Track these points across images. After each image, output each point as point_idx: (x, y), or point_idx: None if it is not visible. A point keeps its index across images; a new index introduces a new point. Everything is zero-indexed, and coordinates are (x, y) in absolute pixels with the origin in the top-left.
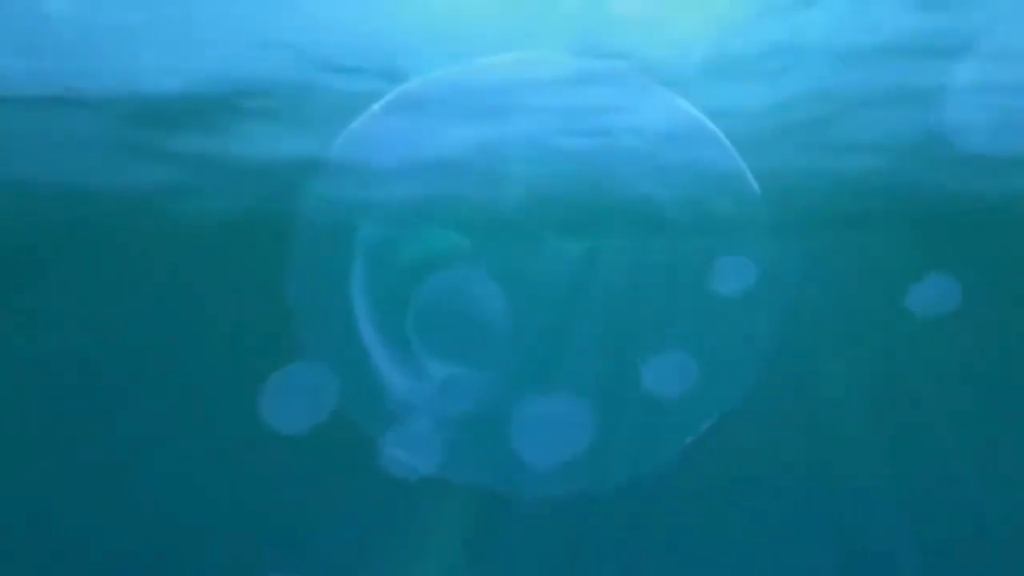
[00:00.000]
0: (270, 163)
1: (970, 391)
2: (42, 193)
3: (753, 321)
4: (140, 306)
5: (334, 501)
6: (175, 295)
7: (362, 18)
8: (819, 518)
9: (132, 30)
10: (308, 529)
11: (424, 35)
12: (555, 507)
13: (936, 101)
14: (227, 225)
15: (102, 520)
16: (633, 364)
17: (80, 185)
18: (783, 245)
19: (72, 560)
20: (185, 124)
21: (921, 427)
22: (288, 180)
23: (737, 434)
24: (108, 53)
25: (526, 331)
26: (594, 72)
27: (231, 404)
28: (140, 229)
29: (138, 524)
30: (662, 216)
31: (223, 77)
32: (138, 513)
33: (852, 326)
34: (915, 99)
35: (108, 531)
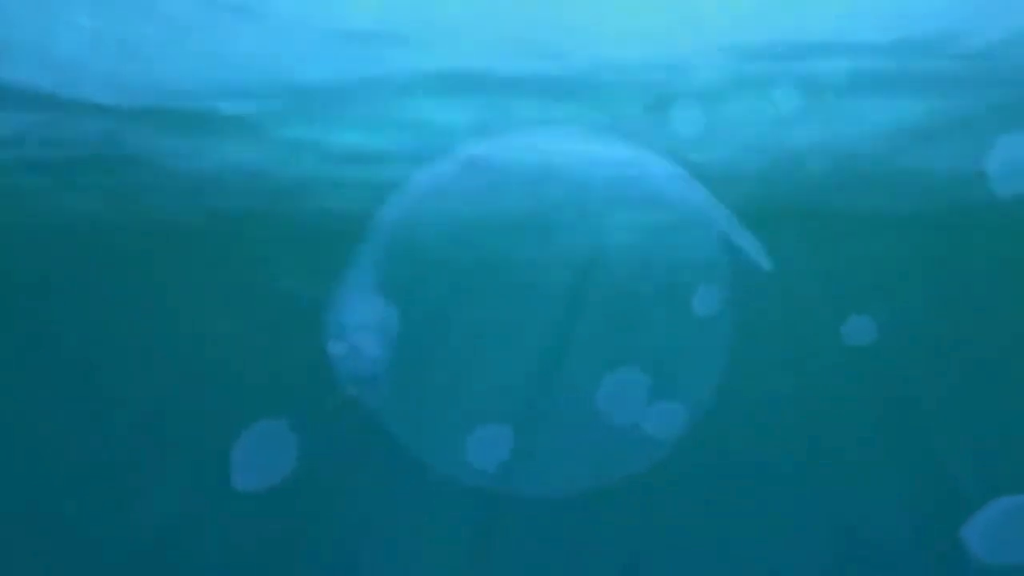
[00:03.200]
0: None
1: (962, 389)
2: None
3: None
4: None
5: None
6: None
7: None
8: (818, 512)
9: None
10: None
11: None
12: (557, 502)
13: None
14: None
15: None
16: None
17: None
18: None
19: None
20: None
21: (920, 424)
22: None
23: (736, 432)
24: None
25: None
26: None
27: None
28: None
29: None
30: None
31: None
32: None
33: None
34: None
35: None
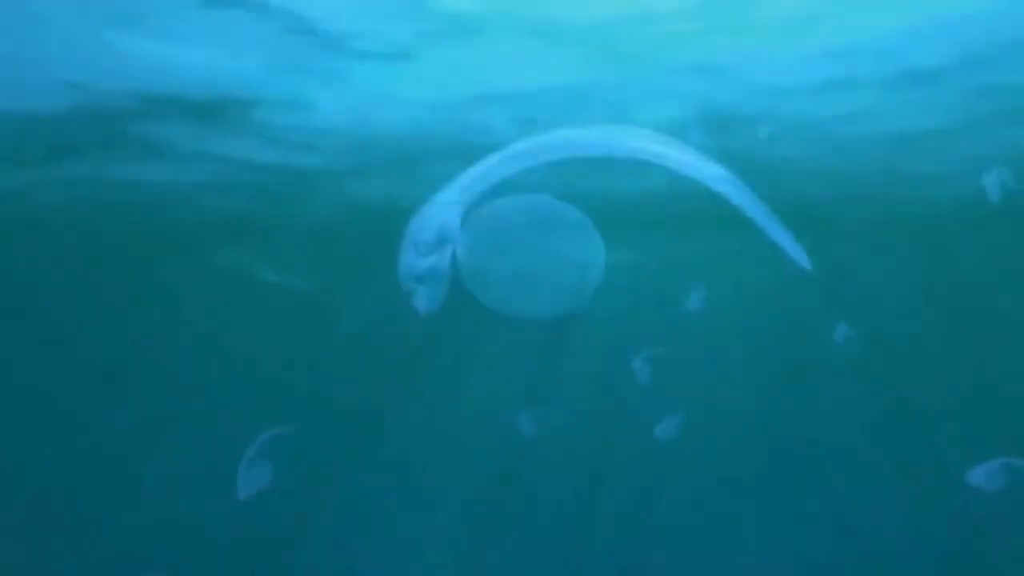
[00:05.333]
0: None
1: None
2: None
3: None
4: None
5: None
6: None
7: None
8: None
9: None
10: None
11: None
12: (558, 499)
13: None
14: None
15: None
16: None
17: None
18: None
19: None
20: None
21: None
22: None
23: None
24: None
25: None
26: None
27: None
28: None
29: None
30: None
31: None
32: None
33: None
34: None
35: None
